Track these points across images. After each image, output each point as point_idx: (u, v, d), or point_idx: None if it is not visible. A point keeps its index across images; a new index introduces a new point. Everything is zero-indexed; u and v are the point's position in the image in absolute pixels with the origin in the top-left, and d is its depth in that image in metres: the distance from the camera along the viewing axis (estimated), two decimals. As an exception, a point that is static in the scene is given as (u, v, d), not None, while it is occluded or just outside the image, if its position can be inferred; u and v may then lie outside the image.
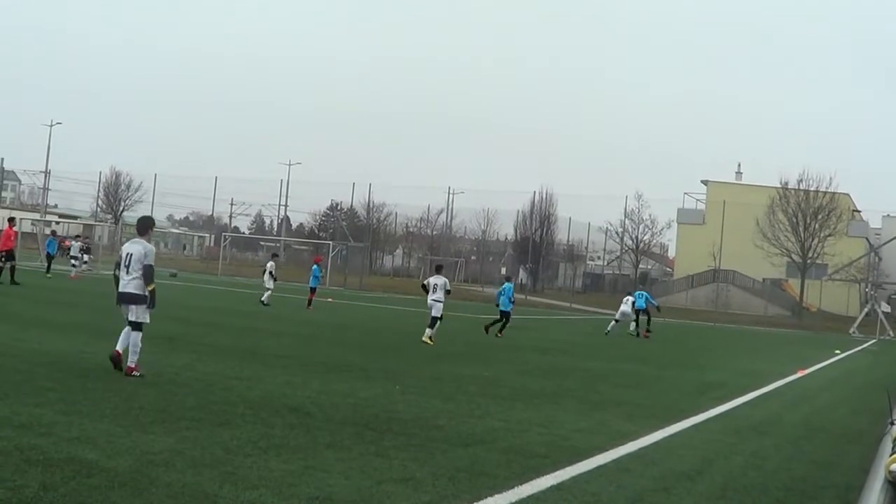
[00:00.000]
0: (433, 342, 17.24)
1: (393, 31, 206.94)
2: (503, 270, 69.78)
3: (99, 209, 74.89)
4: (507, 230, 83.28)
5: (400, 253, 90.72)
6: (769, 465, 7.58)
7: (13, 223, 26.87)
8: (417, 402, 9.38)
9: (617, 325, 26.62)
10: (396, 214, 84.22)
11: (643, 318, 27.08)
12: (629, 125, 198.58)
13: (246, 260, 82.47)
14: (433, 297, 17.97)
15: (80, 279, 32.50)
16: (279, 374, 10.73)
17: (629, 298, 27.00)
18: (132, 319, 9.50)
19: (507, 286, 22.32)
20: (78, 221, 66.15)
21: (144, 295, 9.56)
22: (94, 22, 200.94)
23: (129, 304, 9.56)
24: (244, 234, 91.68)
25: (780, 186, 57.89)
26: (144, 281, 9.51)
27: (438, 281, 18.24)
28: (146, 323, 9.63)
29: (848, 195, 61.38)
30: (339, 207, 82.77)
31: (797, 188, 56.85)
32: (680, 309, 52.12)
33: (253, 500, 5.05)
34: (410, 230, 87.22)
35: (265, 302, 26.06)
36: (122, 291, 9.62)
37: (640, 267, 70.53)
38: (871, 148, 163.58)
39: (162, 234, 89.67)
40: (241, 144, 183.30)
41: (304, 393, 9.30)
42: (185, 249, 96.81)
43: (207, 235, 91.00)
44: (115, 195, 77.03)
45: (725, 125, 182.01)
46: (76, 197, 79.35)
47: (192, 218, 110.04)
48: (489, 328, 21.33)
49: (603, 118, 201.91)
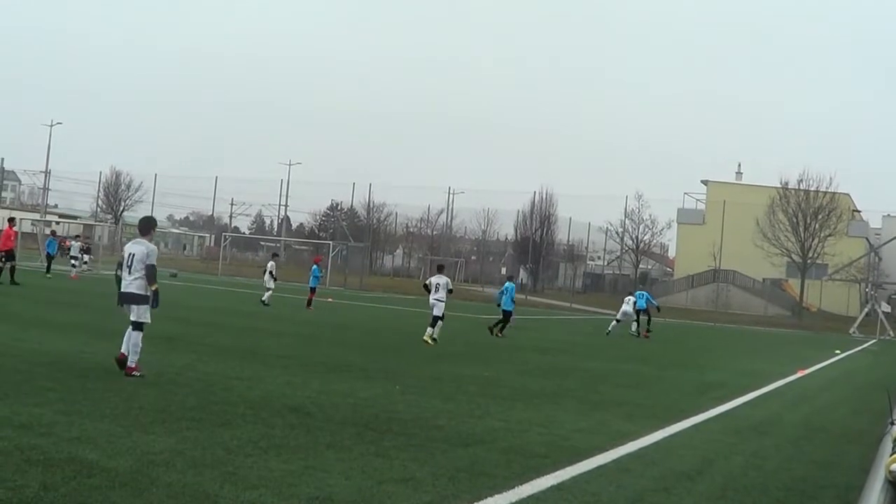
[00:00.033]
0: (435, 342, 17.25)
1: (393, 31, 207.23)
2: (503, 270, 69.82)
3: (99, 209, 74.90)
4: (507, 230, 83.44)
5: (400, 253, 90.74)
6: (769, 465, 7.58)
7: (13, 223, 26.87)
8: (417, 402, 9.38)
9: (618, 325, 26.63)
10: (396, 214, 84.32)
11: (643, 318, 27.08)
12: (629, 125, 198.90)
13: (246, 260, 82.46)
14: (435, 296, 17.99)
15: (80, 279, 32.49)
16: (279, 374, 10.73)
17: (630, 298, 26.99)
18: (133, 319, 9.51)
19: (509, 285, 22.34)
20: (78, 221, 66.10)
21: (146, 295, 9.57)
22: (94, 22, 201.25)
23: (130, 304, 9.58)
24: (244, 234, 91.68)
25: (780, 186, 57.90)
26: (148, 281, 9.53)
27: (440, 280, 18.26)
28: (147, 323, 9.64)
29: (848, 195, 61.38)
30: (339, 207, 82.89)
31: (797, 188, 56.85)
32: (680, 309, 52.12)
33: (253, 500, 5.05)
34: (410, 230, 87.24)
35: (266, 302, 26.07)
36: (124, 291, 9.64)
37: (640, 267, 70.52)
38: (871, 148, 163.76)
39: (162, 234, 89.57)
40: (241, 144, 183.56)
41: (304, 393, 9.30)
42: (185, 249, 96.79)
43: (207, 235, 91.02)
44: (115, 195, 77.09)
45: (725, 125, 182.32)
46: (76, 197, 79.47)
47: (192, 218, 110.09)
48: (493, 329, 21.31)
49: (603, 118, 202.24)
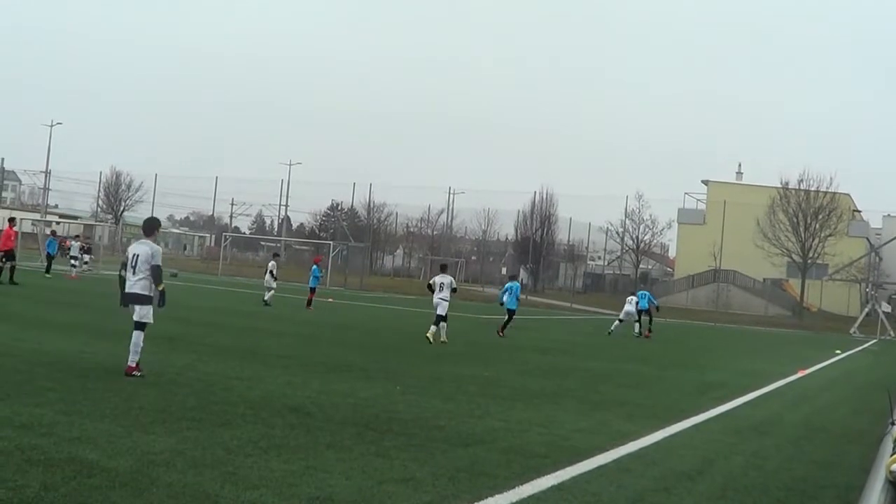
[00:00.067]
0: (444, 343, 17.28)
1: (393, 31, 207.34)
2: (504, 270, 69.82)
3: (99, 209, 74.92)
4: (507, 230, 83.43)
5: (400, 253, 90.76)
6: (770, 464, 7.58)
7: (13, 223, 26.89)
8: (418, 402, 9.38)
9: (621, 325, 26.65)
10: (397, 214, 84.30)
11: (645, 318, 27.07)
12: (629, 125, 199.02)
13: (246, 260, 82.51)
14: (439, 295, 18.04)
15: (80, 279, 32.50)
16: (280, 374, 10.73)
17: (633, 298, 26.97)
18: (136, 319, 9.54)
19: (514, 285, 22.35)
20: (78, 222, 66.12)
21: (150, 295, 9.64)
22: (94, 22, 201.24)
23: (134, 304, 9.63)
24: (245, 234, 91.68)
25: (780, 186, 57.90)
26: (154, 281, 9.59)
27: (444, 280, 18.32)
28: (150, 323, 9.67)
29: (848, 195, 61.40)
30: (339, 207, 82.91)
31: (798, 188, 56.85)
32: (680, 309, 52.11)
33: (254, 500, 5.05)
34: (411, 230, 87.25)
35: (268, 301, 26.11)
36: (128, 292, 9.68)
37: (640, 267, 70.52)
38: (871, 148, 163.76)
39: (163, 234, 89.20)
40: (241, 144, 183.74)
41: (304, 393, 9.30)
42: (185, 249, 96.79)
43: (208, 235, 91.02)
44: (115, 195, 77.09)
45: (725, 125, 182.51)
46: (77, 197, 79.41)
47: (192, 218, 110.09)
48: (503, 330, 21.22)
49: (603, 118, 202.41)
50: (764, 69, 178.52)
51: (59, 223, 62.10)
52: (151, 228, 10.10)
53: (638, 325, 26.74)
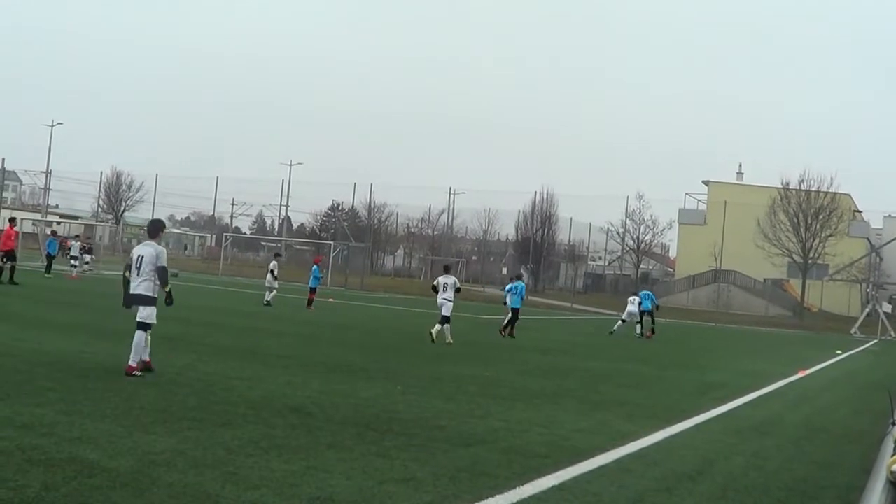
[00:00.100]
0: (448, 342, 17.30)
1: (393, 31, 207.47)
2: (504, 270, 69.82)
3: (100, 209, 74.92)
4: (508, 230, 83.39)
5: (401, 253, 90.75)
6: (770, 465, 7.58)
7: (14, 223, 26.91)
8: (418, 402, 9.38)
9: (623, 325, 26.66)
10: (397, 214, 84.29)
11: (647, 318, 27.06)
12: (629, 125, 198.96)
13: (247, 260, 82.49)
14: (443, 296, 18.07)
15: (81, 279, 32.50)
16: (280, 374, 10.74)
17: (635, 299, 26.96)
18: (139, 319, 9.57)
19: (520, 285, 22.40)
20: (79, 222, 66.10)
21: (153, 297, 9.71)
22: (94, 22, 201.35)
23: (139, 305, 9.68)
24: (245, 234, 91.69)
25: (781, 187, 57.86)
26: (161, 283, 9.68)
27: (448, 280, 18.36)
28: (153, 324, 9.69)
29: (849, 195, 61.37)
30: (340, 207, 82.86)
31: (798, 188, 56.81)
32: (681, 309, 52.10)
33: (255, 500, 5.05)
34: (412, 230, 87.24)
35: (269, 302, 26.14)
36: (132, 293, 9.72)
37: (641, 267, 70.48)
38: (871, 148, 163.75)
39: (164, 234, 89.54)
40: (241, 144, 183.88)
41: (305, 393, 9.31)
42: (186, 249, 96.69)
43: (208, 235, 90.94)
44: (116, 195, 77.06)
45: (726, 125, 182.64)
46: (77, 197, 79.44)
47: (193, 218, 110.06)
48: (511, 331, 21.20)
49: (603, 118, 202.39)
50: (764, 69, 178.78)
51: (59, 223, 62.08)
52: (156, 230, 10.19)
53: (640, 325, 26.73)
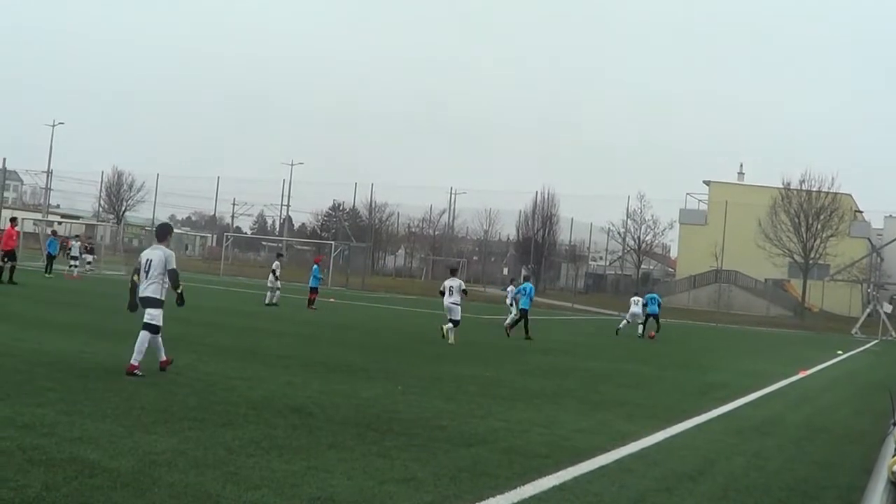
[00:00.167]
0: (450, 343, 17.30)
1: (393, 31, 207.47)
2: (505, 270, 69.82)
3: (101, 209, 74.92)
4: (509, 230, 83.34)
5: (402, 253, 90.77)
6: (771, 465, 7.57)
7: (15, 223, 26.92)
8: (419, 402, 9.38)
9: (628, 325, 26.69)
10: (398, 214, 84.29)
11: (652, 321, 27.02)
12: (630, 125, 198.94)
13: (248, 260, 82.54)
14: (451, 299, 18.11)
15: (81, 279, 32.50)
16: (281, 374, 10.74)
17: (638, 299, 26.95)
18: (146, 320, 9.60)
19: (528, 286, 22.48)
20: (80, 221, 66.17)
21: (161, 299, 9.77)
22: (94, 22, 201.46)
23: (146, 307, 9.73)
24: (246, 234, 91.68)
25: (782, 187, 57.87)
26: (172, 285, 9.76)
27: (454, 283, 18.39)
28: (159, 326, 9.72)
29: (850, 196, 61.36)
30: (341, 207, 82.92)
31: (799, 189, 56.82)
32: (682, 309, 52.10)
33: (255, 500, 5.05)
34: (413, 230, 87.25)
35: (271, 302, 26.18)
36: (141, 296, 9.76)
37: (642, 267, 70.50)
38: (872, 148, 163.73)
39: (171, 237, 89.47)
40: (241, 144, 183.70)
41: (305, 393, 9.31)
42: (187, 249, 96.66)
43: (209, 235, 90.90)
44: (117, 195, 77.04)
45: (726, 125, 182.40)
46: (78, 197, 79.45)
47: (194, 218, 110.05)
48: (527, 331, 21.17)
49: (603, 118, 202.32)
50: (764, 69, 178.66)
51: (60, 223, 62.15)
52: (164, 234, 10.28)
53: (642, 326, 26.71)
